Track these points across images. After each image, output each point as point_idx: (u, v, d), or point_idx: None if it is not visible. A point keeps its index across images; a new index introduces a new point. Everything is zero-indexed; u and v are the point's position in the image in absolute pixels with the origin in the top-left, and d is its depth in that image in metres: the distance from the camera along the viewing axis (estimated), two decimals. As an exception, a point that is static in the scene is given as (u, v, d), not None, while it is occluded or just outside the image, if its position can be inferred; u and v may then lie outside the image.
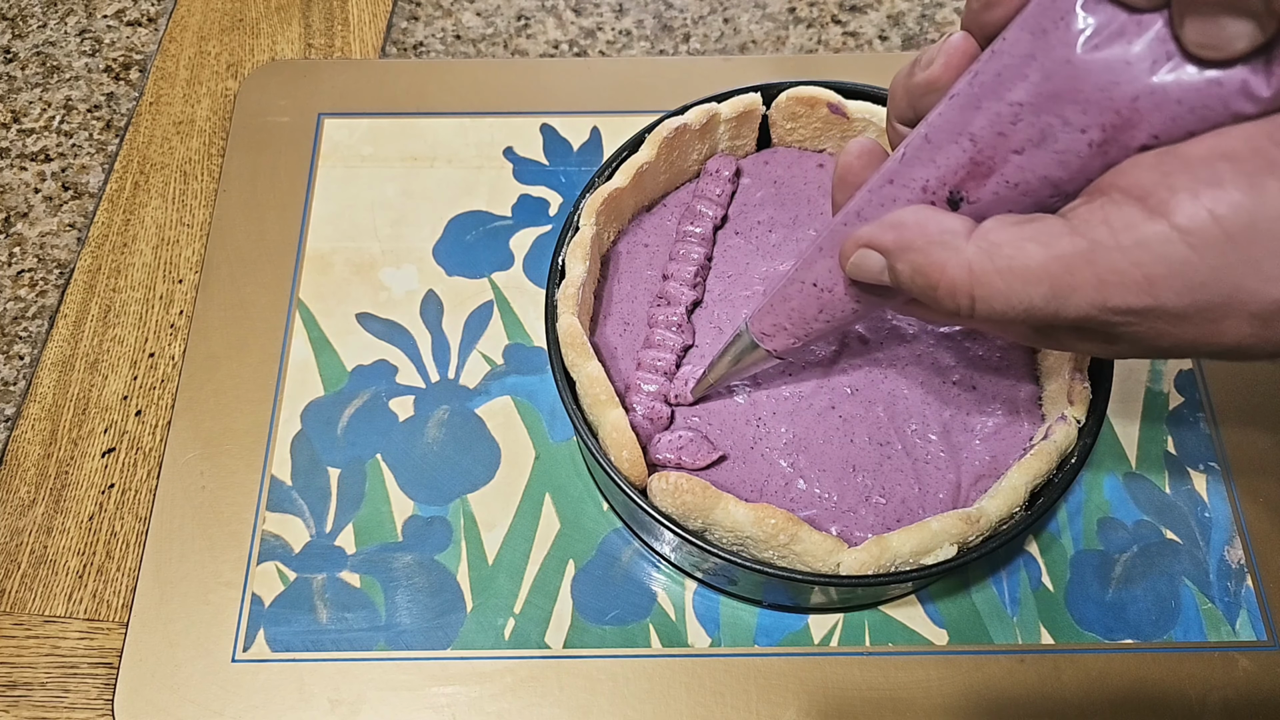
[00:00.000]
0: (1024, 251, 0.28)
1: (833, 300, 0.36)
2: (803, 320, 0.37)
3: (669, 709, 0.45)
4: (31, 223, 0.59)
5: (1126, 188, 0.27)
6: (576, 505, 0.49)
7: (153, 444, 0.51)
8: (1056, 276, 0.28)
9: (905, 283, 0.31)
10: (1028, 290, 0.28)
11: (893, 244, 0.31)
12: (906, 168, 0.31)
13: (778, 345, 0.39)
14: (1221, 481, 0.50)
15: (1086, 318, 0.28)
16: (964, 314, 0.30)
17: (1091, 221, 0.27)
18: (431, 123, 0.61)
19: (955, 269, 0.29)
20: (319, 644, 0.46)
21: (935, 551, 0.38)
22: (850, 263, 0.33)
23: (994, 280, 0.28)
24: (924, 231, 0.30)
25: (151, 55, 0.65)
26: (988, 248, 0.29)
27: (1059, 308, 0.28)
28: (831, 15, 0.67)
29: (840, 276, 0.35)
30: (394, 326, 0.54)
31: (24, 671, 0.46)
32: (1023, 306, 0.28)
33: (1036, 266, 0.28)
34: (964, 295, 0.29)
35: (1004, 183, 0.29)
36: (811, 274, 0.36)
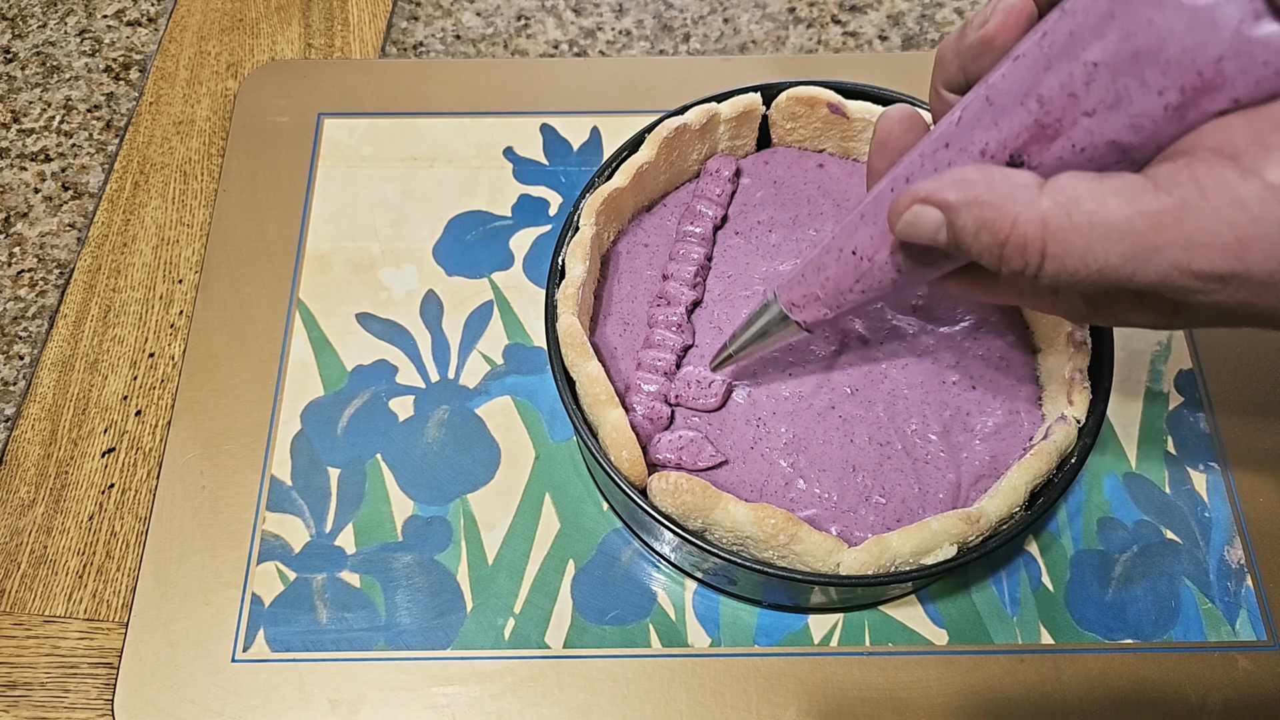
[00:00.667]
0: (1105, 206, 0.26)
1: (872, 269, 0.34)
2: (837, 291, 0.36)
3: (669, 709, 0.45)
4: (31, 223, 0.59)
5: (1216, 147, 0.26)
6: (576, 505, 0.49)
7: (153, 444, 0.51)
8: (1141, 234, 0.26)
9: (967, 240, 0.29)
10: (1107, 247, 0.26)
11: (956, 197, 0.29)
12: (964, 130, 0.30)
13: (808, 317, 0.38)
14: (1221, 481, 0.50)
15: (1166, 282, 0.26)
16: (1030, 272, 0.28)
17: (1179, 179, 0.26)
18: (431, 123, 0.61)
19: (1028, 222, 0.27)
20: (319, 644, 0.46)
21: (935, 551, 0.38)
22: (903, 220, 0.30)
23: (1070, 235, 0.27)
24: (991, 185, 0.28)
25: (151, 55, 0.65)
26: (1065, 201, 0.27)
27: (1137, 269, 0.26)
28: (831, 15, 0.67)
29: (882, 244, 0.33)
30: (394, 326, 0.54)
31: (24, 671, 0.46)
32: (1098, 265, 0.27)
33: (1119, 221, 0.26)
34: (1035, 251, 0.28)
35: (1070, 147, 0.28)
36: (851, 241, 0.34)
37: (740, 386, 0.44)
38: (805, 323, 0.38)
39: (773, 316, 0.39)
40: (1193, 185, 0.25)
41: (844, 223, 0.35)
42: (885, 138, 0.35)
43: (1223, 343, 0.53)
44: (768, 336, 0.40)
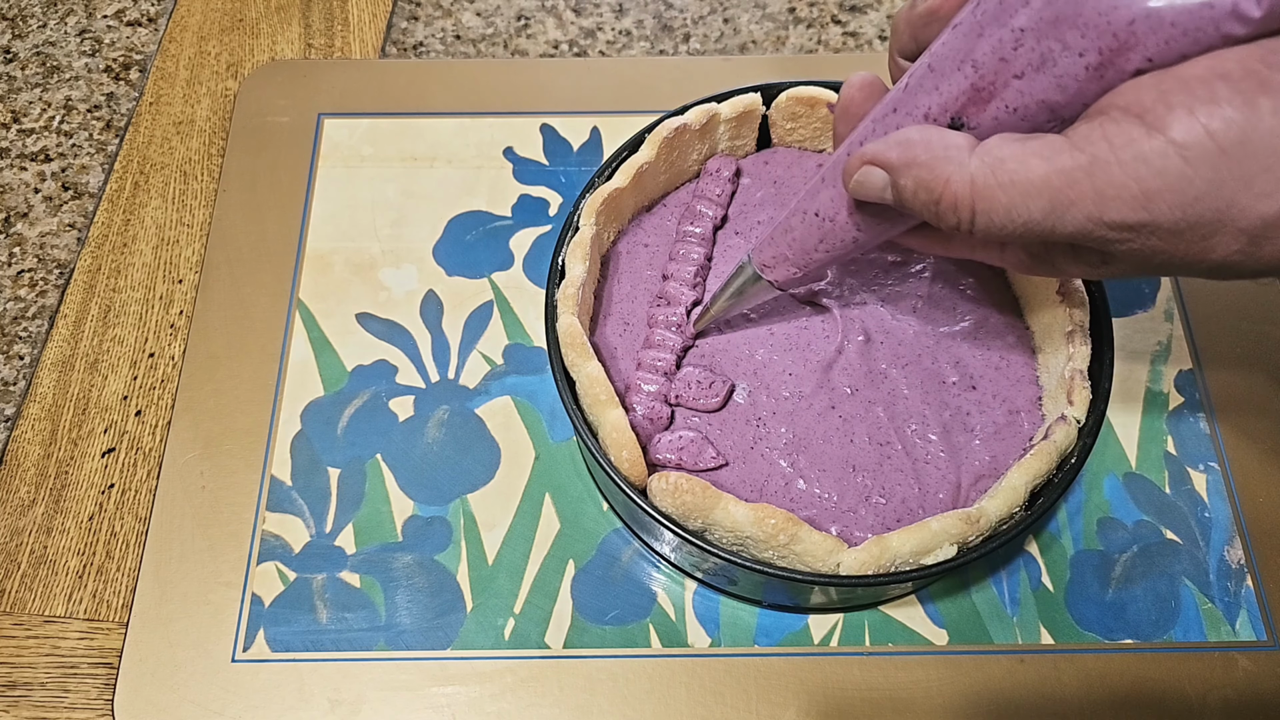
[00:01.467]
0: (1026, 165, 0.29)
1: (834, 229, 0.37)
2: (803, 250, 0.39)
3: (669, 709, 0.45)
4: (31, 223, 0.59)
5: (1125, 106, 0.28)
6: (576, 505, 0.49)
7: (153, 444, 0.51)
8: (1057, 190, 0.28)
9: (908, 198, 0.32)
10: (1028, 203, 0.29)
11: (897, 159, 0.31)
12: (910, 96, 0.33)
13: (779, 276, 0.41)
14: (1221, 481, 0.50)
15: (1083, 232, 0.29)
16: (964, 228, 0.31)
17: (1091, 138, 0.28)
18: (431, 123, 0.61)
19: (958, 182, 0.30)
20: (319, 644, 0.46)
21: (935, 551, 0.38)
22: (854, 180, 0.33)
23: (996, 193, 0.29)
24: (928, 147, 0.31)
25: (151, 55, 0.65)
26: (991, 162, 0.29)
27: (1057, 222, 0.29)
28: (831, 15, 0.67)
29: (842, 205, 0.36)
30: (394, 326, 0.54)
31: (24, 671, 0.46)
32: (1022, 220, 0.29)
33: (1038, 179, 0.29)
34: (965, 208, 0.30)
35: (1004, 107, 0.30)
36: (814, 204, 0.37)
37: (740, 386, 0.44)
38: (777, 281, 0.41)
39: (747, 277, 0.42)
40: (1103, 143, 0.28)
41: (807, 187, 0.38)
42: (847, 104, 0.37)
43: (1223, 343, 0.53)
44: (743, 295, 0.43)
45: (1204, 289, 0.55)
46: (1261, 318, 0.54)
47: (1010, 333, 0.46)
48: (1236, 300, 0.55)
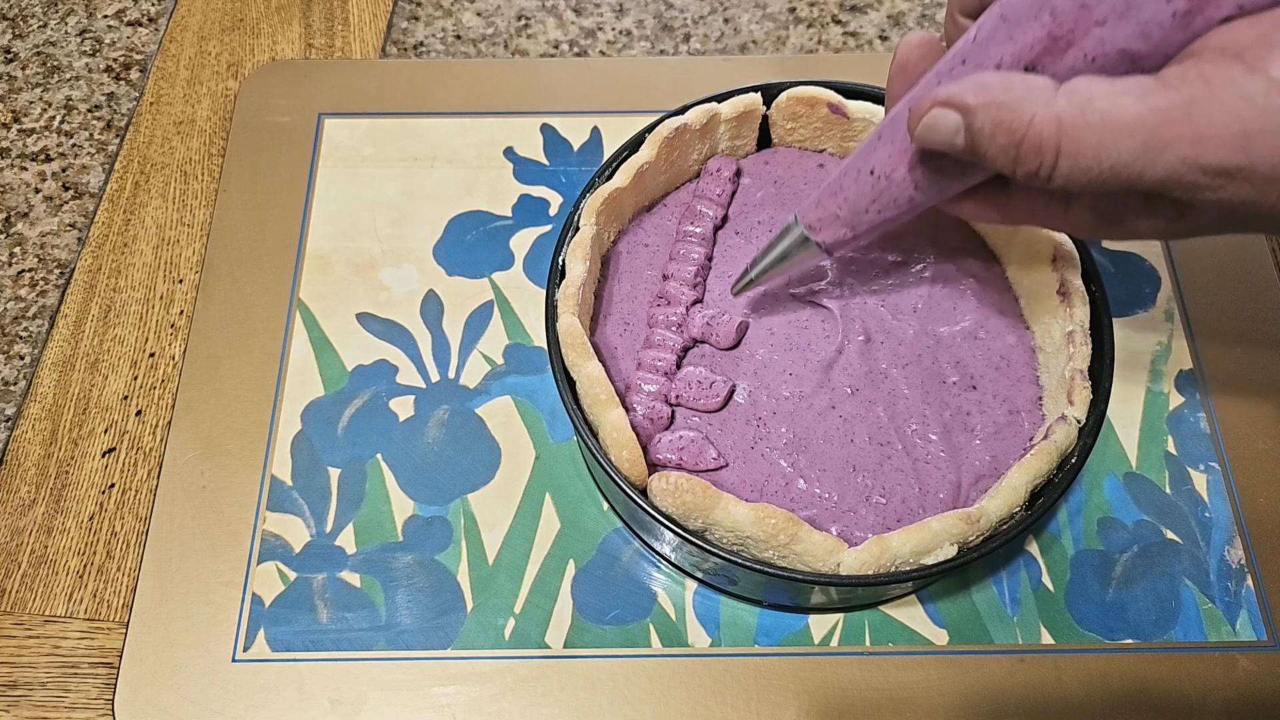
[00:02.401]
0: (1118, 104, 0.27)
1: (890, 187, 0.35)
2: (855, 210, 0.37)
3: (669, 709, 0.45)
4: (32, 223, 0.59)
5: (1222, 47, 0.27)
6: (577, 505, 0.49)
7: (153, 444, 0.51)
8: (1152, 130, 0.27)
9: (983, 141, 0.30)
10: (1119, 144, 0.28)
11: (974, 100, 0.30)
12: (980, 47, 0.31)
13: (827, 237, 0.39)
14: (1221, 481, 0.50)
15: (1174, 177, 0.27)
16: (1044, 173, 0.29)
17: (1188, 77, 0.27)
18: (432, 123, 0.61)
19: (1043, 120, 0.28)
20: (319, 644, 0.46)
21: (935, 551, 0.38)
22: (922, 124, 0.31)
23: (1084, 133, 0.28)
24: (1008, 88, 0.29)
25: (152, 55, 0.65)
26: (1080, 101, 0.28)
27: (1147, 165, 0.27)
28: (832, 15, 0.67)
29: (901, 161, 0.35)
30: (394, 326, 0.54)
31: (24, 671, 0.46)
32: (1110, 162, 0.28)
33: (1131, 119, 0.27)
34: (1050, 150, 0.29)
35: (1082, 56, 0.29)
36: (869, 162, 0.36)
37: (741, 386, 0.44)
38: (825, 244, 0.39)
39: (794, 239, 0.40)
40: (1201, 82, 0.26)
41: (861, 146, 0.36)
42: (905, 61, 0.36)
43: (1223, 343, 0.53)
44: (789, 259, 0.41)
45: (1204, 289, 0.55)
46: (1261, 318, 0.54)
47: (1010, 333, 0.46)
48: (1237, 301, 0.55)
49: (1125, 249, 0.56)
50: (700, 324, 0.45)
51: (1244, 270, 0.55)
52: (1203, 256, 0.56)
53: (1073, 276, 0.43)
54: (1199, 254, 0.56)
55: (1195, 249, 0.56)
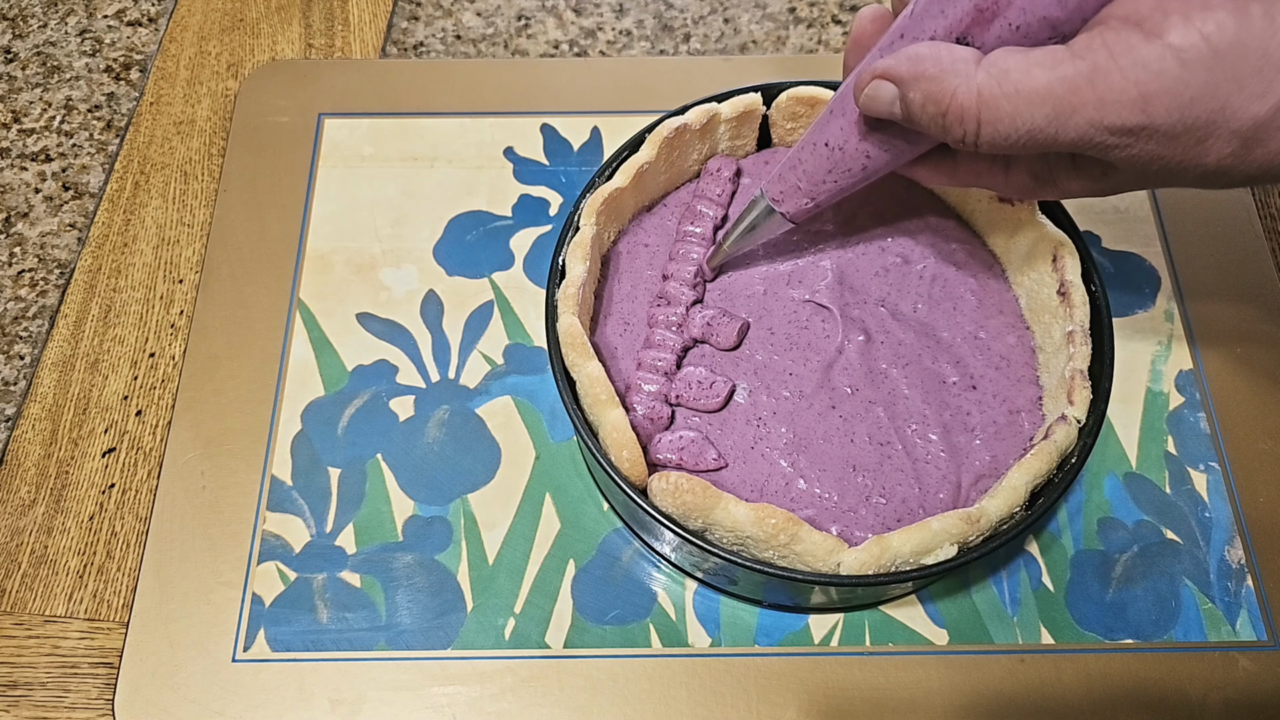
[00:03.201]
0: (1030, 75, 0.30)
1: (843, 158, 0.39)
2: (813, 181, 0.40)
3: (669, 709, 0.45)
4: (32, 223, 0.59)
5: (1124, 16, 0.29)
6: (577, 505, 0.49)
7: (153, 444, 0.51)
8: (1060, 97, 0.30)
9: (916, 111, 0.33)
10: (1032, 111, 0.30)
11: (906, 72, 0.33)
12: (916, 22, 0.34)
13: (790, 208, 0.42)
14: (1221, 481, 0.50)
15: (1085, 138, 0.30)
16: (969, 139, 0.32)
17: (1092, 46, 0.29)
18: (432, 123, 0.61)
19: (964, 93, 0.31)
20: (319, 644, 0.46)
21: (935, 551, 0.38)
22: (864, 94, 0.35)
23: (1001, 103, 0.31)
24: (937, 61, 0.32)
25: (152, 55, 0.65)
26: (996, 73, 0.31)
27: (1059, 128, 0.30)
28: (832, 15, 0.67)
29: (852, 133, 0.38)
30: (394, 326, 0.54)
31: (24, 671, 0.46)
32: (1026, 128, 0.31)
33: (1041, 87, 0.30)
34: (971, 119, 0.31)
35: (1007, 25, 0.32)
36: (823, 135, 0.39)
37: (741, 386, 0.44)
38: (789, 213, 0.42)
39: (760, 210, 0.43)
40: (1103, 50, 0.29)
41: (816, 120, 0.39)
42: (859, 35, 0.38)
43: (1222, 343, 0.53)
44: (756, 229, 0.44)
45: (1204, 289, 0.55)
46: (1261, 318, 0.54)
47: (1010, 333, 0.46)
48: (1237, 301, 0.55)
49: (1125, 249, 0.56)
50: (700, 324, 0.45)
51: (1244, 270, 0.55)
52: (1203, 256, 0.56)
53: (1073, 276, 0.43)
54: (1199, 254, 0.56)
55: (1195, 249, 0.56)
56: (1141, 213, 0.57)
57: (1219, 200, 0.58)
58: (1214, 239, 0.56)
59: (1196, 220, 0.57)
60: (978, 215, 0.48)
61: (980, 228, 0.49)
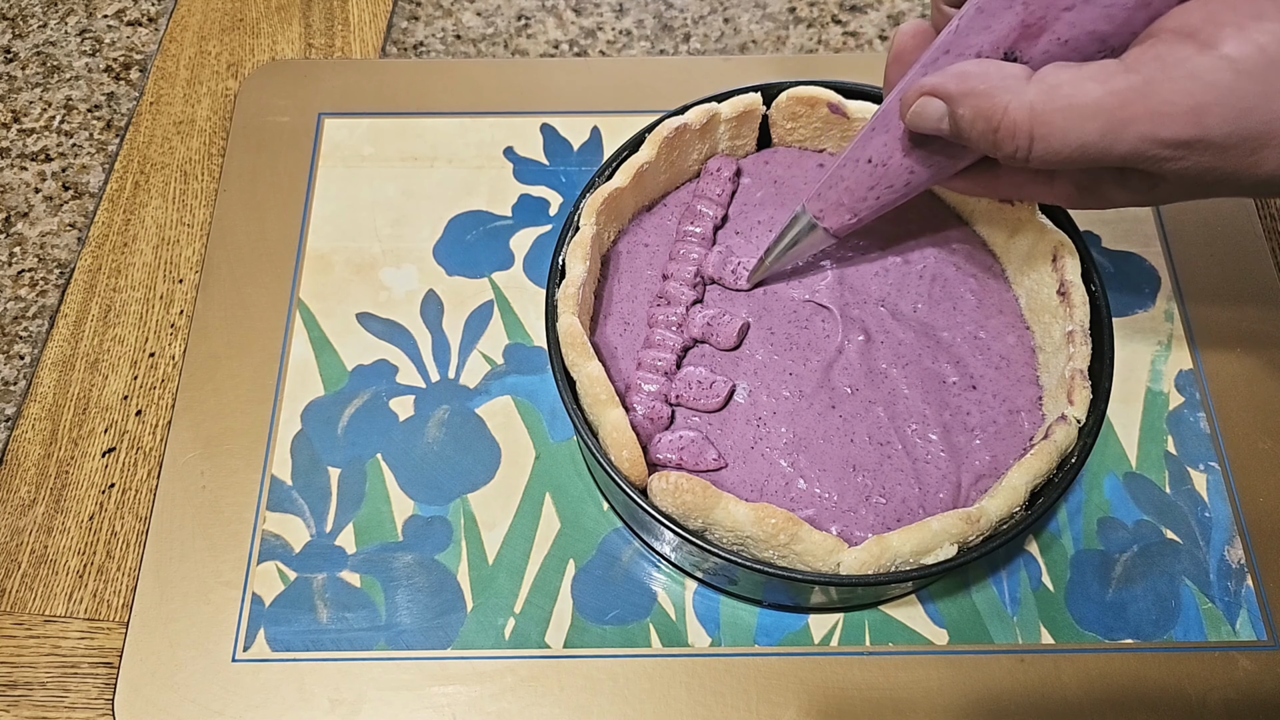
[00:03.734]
0: (1082, 89, 0.30)
1: (886, 173, 0.38)
2: (856, 197, 0.40)
3: (669, 709, 0.45)
4: (32, 222, 0.59)
5: (1176, 28, 0.29)
6: (577, 505, 0.49)
7: (153, 444, 0.51)
8: (1112, 111, 0.30)
9: (965, 128, 0.33)
10: (1084, 125, 0.30)
11: (955, 89, 0.33)
12: (960, 37, 0.34)
13: (833, 223, 0.42)
14: (1221, 481, 0.50)
15: (1137, 152, 0.30)
16: (1021, 155, 0.32)
17: (1144, 59, 0.29)
18: (432, 123, 0.61)
19: (1017, 109, 0.31)
20: (319, 644, 0.46)
21: (935, 551, 0.38)
22: (911, 111, 0.34)
23: (1054, 118, 0.31)
24: (985, 77, 0.32)
25: (152, 55, 0.65)
26: (1048, 89, 0.31)
27: (1112, 142, 0.30)
28: (831, 15, 0.67)
29: (895, 149, 0.38)
30: (394, 326, 0.54)
31: (24, 671, 0.46)
32: (1078, 142, 0.30)
33: (1093, 102, 0.30)
34: (1024, 135, 0.31)
35: (1055, 40, 0.32)
36: (866, 151, 0.39)
37: (741, 386, 0.44)
38: (831, 229, 0.42)
39: (802, 226, 0.43)
40: (1156, 63, 0.29)
41: (858, 136, 0.39)
42: (900, 50, 0.38)
43: (1223, 343, 0.53)
44: (798, 244, 0.44)
45: (1204, 289, 0.55)
46: (1261, 318, 0.54)
47: (1010, 333, 0.46)
48: (1237, 301, 0.55)
49: (1125, 249, 0.56)
50: (700, 324, 0.45)
51: (1244, 270, 0.55)
52: (1203, 256, 0.56)
53: (1073, 276, 0.43)
54: (1199, 254, 0.56)
55: (1195, 249, 0.56)
56: (1141, 213, 0.57)
57: (1219, 201, 0.58)
58: (1214, 239, 0.56)
59: (1196, 220, 0.57)
60: (978, 215, 0.48)
61: (980, 228, 0.49)
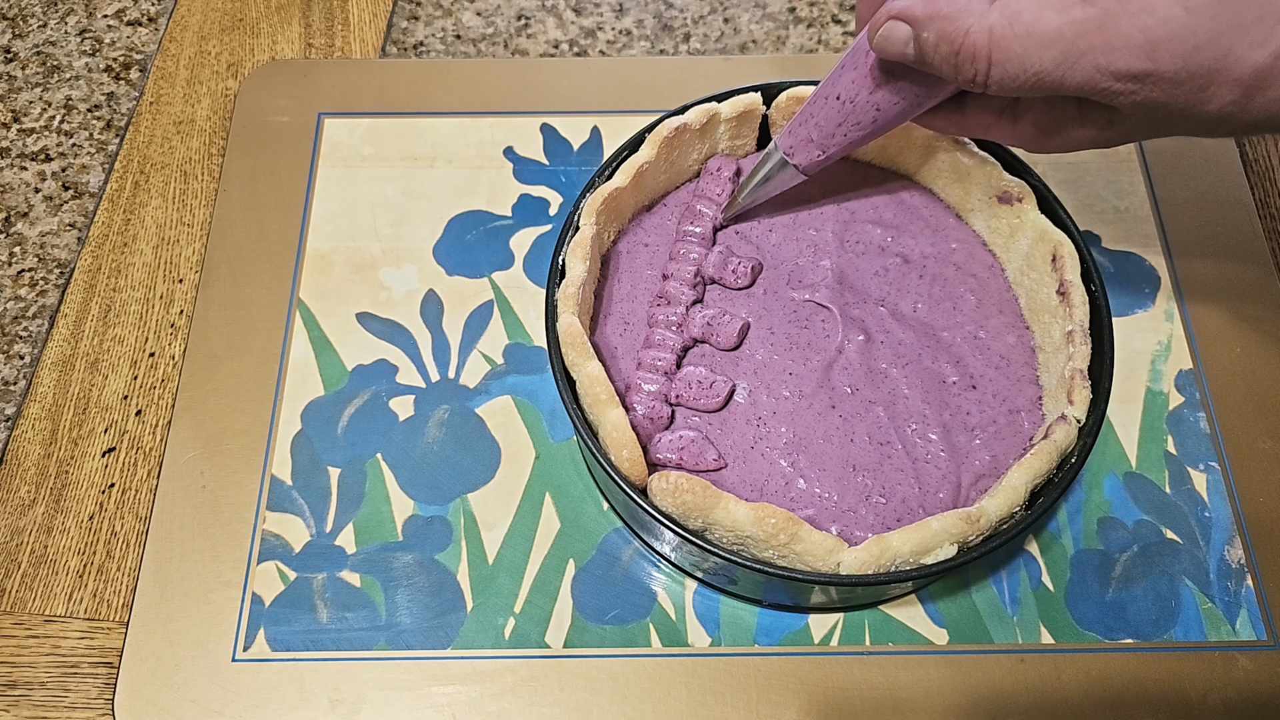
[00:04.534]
0: (1041, 18, 0.31)
1: (854, 110, 0.40)
2: (825, 133, 0.41)
3: (669, 709, 0.45)
4: (32, 222, 0.59)
5: None
6: (577, 505, 0.49)
7: (153, 444, 0.51)
8: (1069, 40, 0.31)
9: (929, 51, 0.34)
10: (1041, 53, 0.31)
11: (922, 12, 0.34)
12: None
13: (802, 160, 0.43)
14: (1221, 481, 0.50)
15: (1091, 83, 0.31)
16: (980, 80, 0.33)
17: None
18: (432, 122, 0.61)
19: (977, 32, 0.32)
20: (319, 644, 0.46)
21: (935, 551, 0.38)
22: (879, 35, 0.35)
23: (1012, 44, 0.32)
24: (952, 2, 0.33)
25: (152, 55, 0.65)
26: (1009, 15, 0.32)
27: (1067, 72, 0.31)
28: (831, 15, 0.67)
29: (863, 86, 0.39)
30: (394, 326, 0.54)
31: (24, 671, 0.46)
32: (1034, 69, 0.32)
33: (1051, 30, 0.31)
34: (983, 59, 0.32)
35: None
36: (835, 88, 0.40)
37: (741, 386, 0.44)
38: (801, 165, 0.44)
39: (774, 162, 0.45)
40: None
41: (829, 74, 0.41)
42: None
43: (1223, 343, 0.53)
44: (770, 181, 0.45)
45: (1204, 289, 0.55)
46: (1261, 318, 0.54)
47: (1010, 333, 0.46)
48: (1236, 300, 0.55)
49: (1125, 249, 0.56)
50: (700, 324, 0.45)
51: (1244, 270, 0.55)
52: (1203, 257, 0.56)
53: (1072, 276, 0.43)
54: (1199, 254, 0.56)
55: (1195, 249, 0.56)
56: (1141, 213, 0.57)
57: (1219, 200, 0.58)
58: (1214, 239, 0.56)
59: (1196, 220, 0.57)
60: (977, 215, 0.48)
61: (980, 227, 0.49)
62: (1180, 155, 0.59)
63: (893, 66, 0.38)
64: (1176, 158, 0.59)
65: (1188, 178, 0.58)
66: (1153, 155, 0.59)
